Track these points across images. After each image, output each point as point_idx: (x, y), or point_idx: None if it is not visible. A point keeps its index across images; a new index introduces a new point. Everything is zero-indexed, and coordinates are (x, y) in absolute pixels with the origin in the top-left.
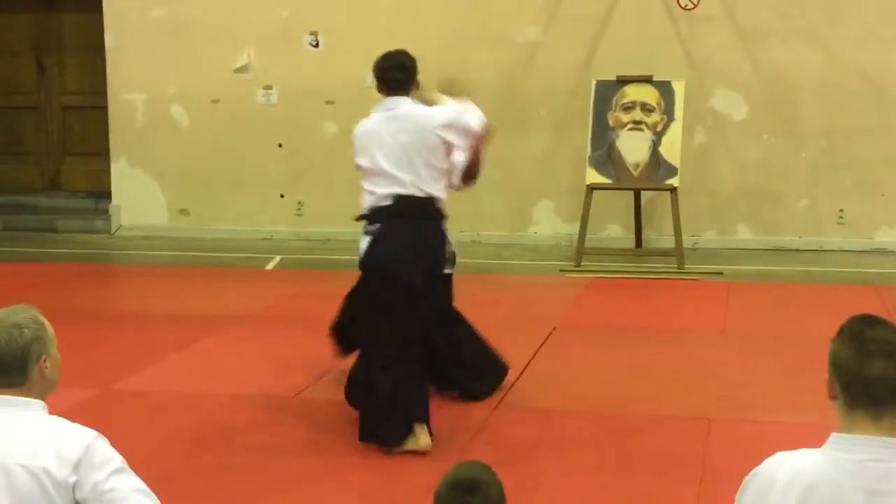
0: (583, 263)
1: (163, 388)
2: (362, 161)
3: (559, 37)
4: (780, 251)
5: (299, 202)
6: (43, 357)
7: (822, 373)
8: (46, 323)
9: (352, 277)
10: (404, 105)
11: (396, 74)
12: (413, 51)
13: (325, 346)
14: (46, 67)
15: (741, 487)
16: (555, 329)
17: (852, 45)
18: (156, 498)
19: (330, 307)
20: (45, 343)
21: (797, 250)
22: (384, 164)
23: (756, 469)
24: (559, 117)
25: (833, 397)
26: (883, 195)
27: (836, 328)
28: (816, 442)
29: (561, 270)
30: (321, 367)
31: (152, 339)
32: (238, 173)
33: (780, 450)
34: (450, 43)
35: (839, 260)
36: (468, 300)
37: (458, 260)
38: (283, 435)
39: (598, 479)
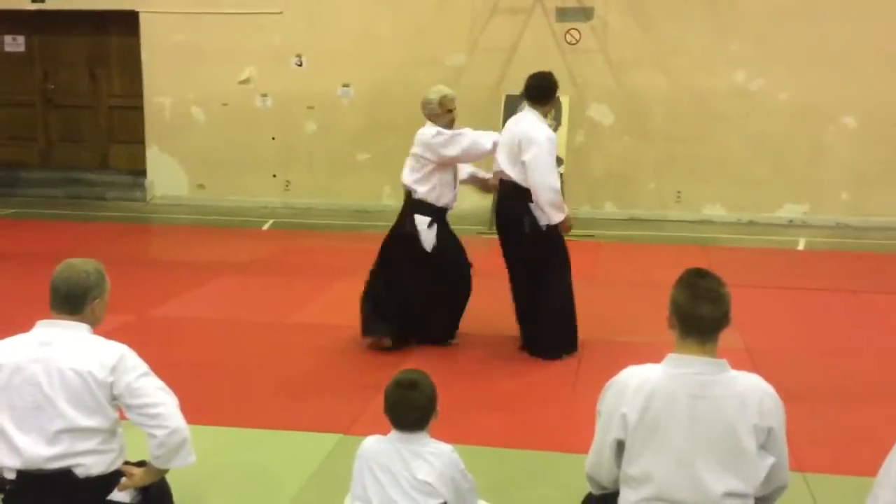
0: (493, 228)
1: (184, 315)
2: None
3: (479, 62)
4: (634, 221)
5: (287, 180)
6: (97, 300)
7: (664, 310)
8: (106, 276)
9: (328, 237)
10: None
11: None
12: (369, 71)
13: (303, 284)
14: (97, 76)
15: (603, 391)
16: (474, 272)
17: (687, 73)
18: (173, 395)
19: (308, 258)
20: (102, 290)
21: (647, 220)
22: None
23: (614, 378)
24: (479, 122)
25: (671, 328)
26: (678, 193)
27: (675, 278)
28: (658, 358)
29: (478, 233)
30: (302, 298)
31: (177, 279)
32: (241, 158)
33: (632, 364)
34: (398, 65)
35: (677, 227)
36: None
37: None
38: (276, 349)
39: (494, 378)
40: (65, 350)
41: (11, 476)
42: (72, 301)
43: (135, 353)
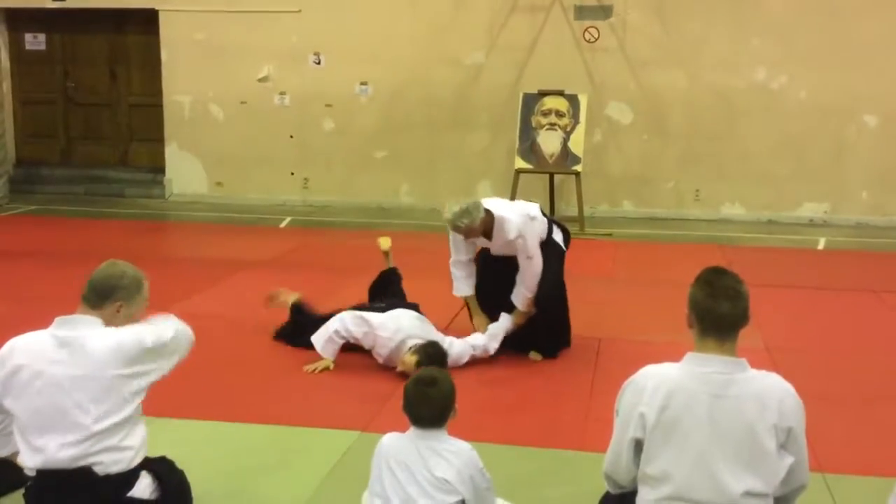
0: None
1: (203, 311)
2: None
3: (497, 60)
4: (653, 219)
5: (305, 178)
6: (120, 304)
7: (683, 308)
8: (144, 289)
9: (345, 234)
10: None
11: None
12: (388, 69)
13: (321, 281)
14: (117, 75)
15: (621, 390)
16: None
17: (708, 71)
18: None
19: (326, 255)
20: (129, 296)
21: (665, 219)
22: None
23: (632, 377)
24: (496, 120)
25: (690, 326)
26: (697, 192)
27: (693, 276)
28: (676, 357)
29: None
30: (320, 295)
31: (195, 277)
32: (259, 156)
33: (650, 363)
34: (416, 63)
35: (696, 226)
36: (433, 252)
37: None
38: (285, 347)
39: (512, 377)
40: (84, 349)
41: (32, 475)
42: (97, 293)
43: (139, 330)
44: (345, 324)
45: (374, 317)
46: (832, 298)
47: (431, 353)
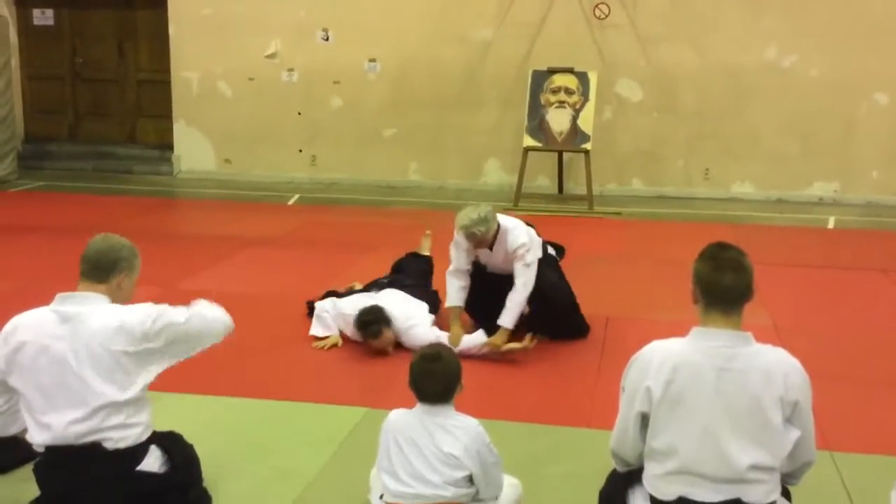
0: (519, 204)
1: (212, 287)
2: None
3: (506, 37)
4: (662, 198)
5: (313, 155)
6: (124, 273)
7: (688, 284)
8: (138, 258)
9: (354, 212)
10: None
11: None
12: (396, 46)
13: (330, 259)
14: (125, 51)
15: (627, 366)
16: None
17: (718, 48)
18: (211, 311)
19: (333, 233)
20: (131, 266)
21: (675, 198)
22: None
23: (638, 353)
24: (505, 97)
25: (695, 301)
26: (707, 170)
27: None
28: (682, 333)
29: (503, 209)
30: (329, 273)
31: (204, 253)
32: (268, 133)
33: (656, 338)
34: (425, 40)
35: (705, 205)
36: (442, 231)
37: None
38: (302, 322)
39: (519, 354)
40: (89, 325)
41: (40, 451)
42: (101, 268)
43: (144, 310)
44: (323, 304)
45: (345, 299)
46: (841, 278)
47: (364, 320)
